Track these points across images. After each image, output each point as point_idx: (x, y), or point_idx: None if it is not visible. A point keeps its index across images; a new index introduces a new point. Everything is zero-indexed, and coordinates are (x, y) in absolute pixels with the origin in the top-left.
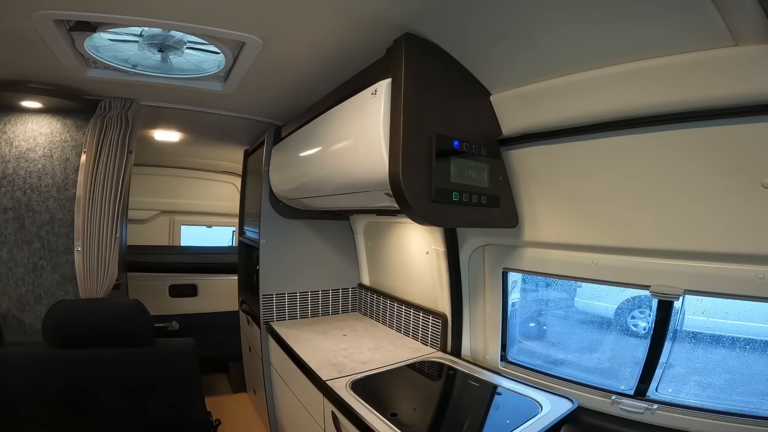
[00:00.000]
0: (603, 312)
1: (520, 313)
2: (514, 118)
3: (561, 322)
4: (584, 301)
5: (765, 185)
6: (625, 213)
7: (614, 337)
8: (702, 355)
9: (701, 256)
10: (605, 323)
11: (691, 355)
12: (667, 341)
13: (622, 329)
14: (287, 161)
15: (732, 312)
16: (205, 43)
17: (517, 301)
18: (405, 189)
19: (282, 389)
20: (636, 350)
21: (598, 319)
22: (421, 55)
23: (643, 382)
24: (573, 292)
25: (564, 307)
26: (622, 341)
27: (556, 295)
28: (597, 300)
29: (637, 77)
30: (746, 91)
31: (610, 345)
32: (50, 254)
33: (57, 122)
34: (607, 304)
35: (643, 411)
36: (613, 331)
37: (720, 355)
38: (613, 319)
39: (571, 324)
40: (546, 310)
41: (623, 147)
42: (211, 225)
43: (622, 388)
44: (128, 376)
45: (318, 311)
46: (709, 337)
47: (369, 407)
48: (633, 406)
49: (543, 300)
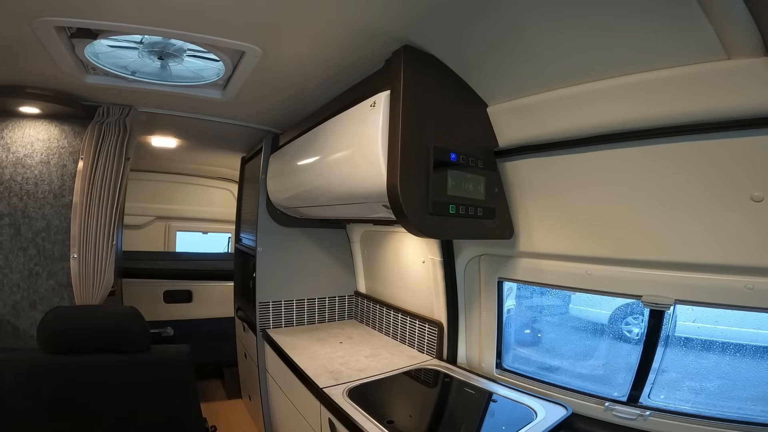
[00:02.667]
0: (597, 318)
1: (515, 320)
2: (511, 130)
3: (555, 329)
4: (579, 308)
5: (754, 198)
6: (618, 225)
7: (608, 343)
8: (693, 361)
9: (692, 267)
10: (599, 329)
11: (682, 362)
12: (658, 348)
13: (616, 335)
14: (285, 170)
15: (722, 319)
16: (204, 51)
17: (512, 308)
18: (403, 202)
19: (278, 396)
20: (629, 356)
21: (592, 326)
22: (420, 67)
23: (635, 389)
24: (567, 299)
25: (558, 314)
26: (615, 347)
27: (551, 302)
28: (591, 307)
29: (632, 90)
30: (739, 105)
31: (603, 351)
32: (46, 261)
33: (55, 128)
34: (601, 310)
35: (635, 417)
36: (606, 338)
37: (712, 361)
38: (607, 325)
39: (566, 331)
40: (540, 317)
41: (617, 159)
42: (206, 231)
43: (616, 394)
44: (123, 383)
45: (314, 319)
46: (700, 344)
47: (366, 414)
48: (626, 413)
49: (538, 307)
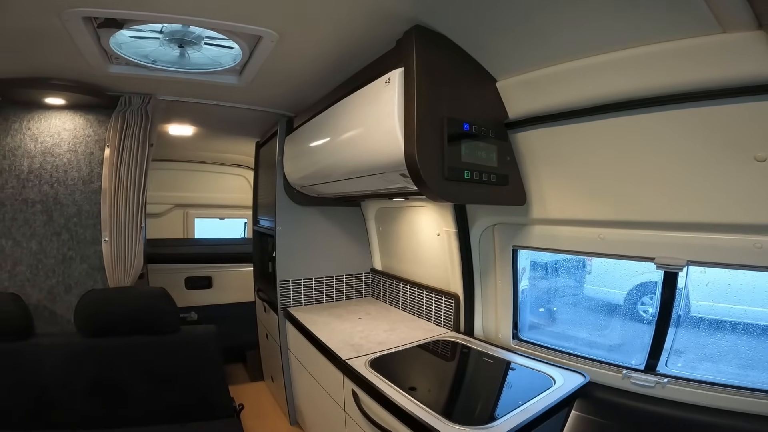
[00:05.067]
0: (613, 299)
1: (530, 298)
2: (520, 103)
3: (571, 309)
4: (595, 288)
5: (757, 158)
6: (629, 188)
7: (623, 322)
8: (707, 330)
9: (702, 227)
10: (615, 309)
11: (696, 332)
12: (673, 317)
13: (633, 316)
14: (301, 150)
15: (733, 295)
16: (222, 38)
17: (526, 288)
18: (420, 167)
19: (300, 373)
20: (644, 336)
21: (607, 306)
22: (431, 45)
23: (653, 357)
24: (582, 278)
25: (573, 294)
26: (631, 325)
27: (567, 282)
28: (607, 287)
29: (634, 63)
30: (735, 75)
31: (619, 328)
32: (78, 245)
33: (80, 118)
34: (618, 291)
35: (653, 385)
36: (622, 317)
37: (725, 334)
38: (622, 305)
39: (581, 311)
40: (556, 298)
41: (624, 126)
42: (223, 217)
43: (633, 363)
44: (155, 364)
45: (333, 297)
46: (711, 318)
47: (389, 383)
48: (644, 380)
49: (554, 289)
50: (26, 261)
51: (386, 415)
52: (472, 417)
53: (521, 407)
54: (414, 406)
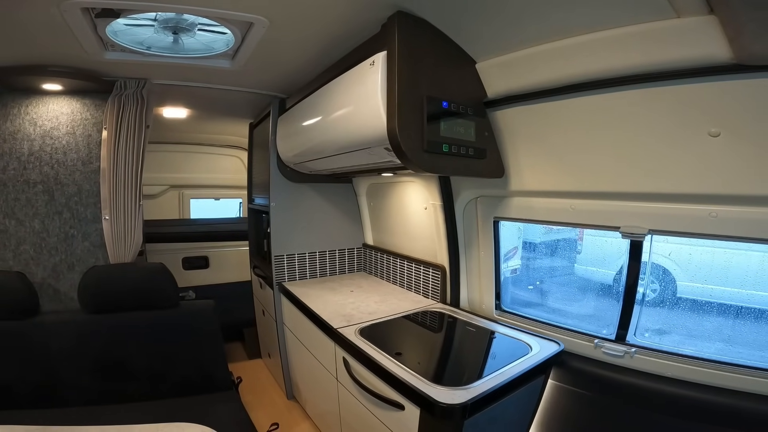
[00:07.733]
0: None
1: (524, 277)
2: (498, 83)
3: (560, 288)
4: (584, 268)
5: (711, 134)
6: (597, 161)
7: (602, 297)
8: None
9: (662, 197)
10: (599, 287)
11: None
12: (639, 286)
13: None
14: (294, 129)
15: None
16: (215, 24)
17: (518, 267)
18: (401, 142)
19: (296, 346)
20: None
21: (589, 283)
22: (412, 30)
23: (622, 328)
24: (573, 258)
25: (565, 274)
26: (608, 300)
27: (560, 263)
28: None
29: (600, 45)
30: (690, 56)
31: (597, 302)
32: (80, 223)
33: (76, 102)
34: (608, 270)
35: (622, 354)
36: (601, 293)
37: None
38: (612, 284)
39: (569, 289)
40: (550, 276)
41: (594, 104)
42: (218, 197)
43: (605, 332)
44: (157, 338)
45: (326, 271)
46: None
47: (376, 348)
48: (613, 350)
49: (548, 267)
50: (30, 240)
51: (374, 379)
52: (452, 378)
53: (498, 371)
54: (398, 368)
